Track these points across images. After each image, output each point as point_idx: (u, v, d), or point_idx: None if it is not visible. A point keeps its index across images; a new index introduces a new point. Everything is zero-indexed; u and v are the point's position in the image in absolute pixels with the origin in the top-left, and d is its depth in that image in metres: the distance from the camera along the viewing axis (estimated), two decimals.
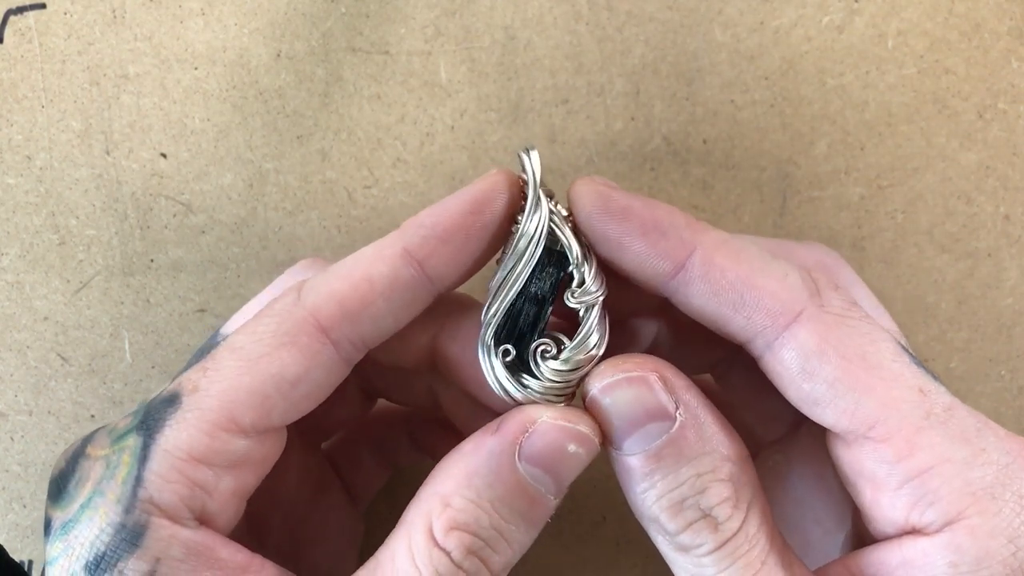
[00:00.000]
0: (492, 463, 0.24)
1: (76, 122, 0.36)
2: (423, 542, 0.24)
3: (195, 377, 0.25)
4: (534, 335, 0.26)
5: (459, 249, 0.25)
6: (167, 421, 0.24)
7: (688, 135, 0.36)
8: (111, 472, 0.24)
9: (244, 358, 0.25)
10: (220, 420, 0.24)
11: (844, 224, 0.37)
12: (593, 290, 0.26)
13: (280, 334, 0.25)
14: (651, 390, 0.25)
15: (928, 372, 0.25)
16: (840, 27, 0.36)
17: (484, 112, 0.37)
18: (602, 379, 0.25)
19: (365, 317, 0.25)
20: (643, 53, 0.36)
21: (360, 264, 0.25)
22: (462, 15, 0.36)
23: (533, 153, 0.26)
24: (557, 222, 0.26)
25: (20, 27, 0.36)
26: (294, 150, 0.37)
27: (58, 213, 0.37)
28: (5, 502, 0.37)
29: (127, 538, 0.23)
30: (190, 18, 0.36)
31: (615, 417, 0.25)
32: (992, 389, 0.37)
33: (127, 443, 0.25)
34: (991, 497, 0.23)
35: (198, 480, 0.24)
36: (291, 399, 0.25)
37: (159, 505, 0.24)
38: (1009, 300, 0.37)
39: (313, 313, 0.25)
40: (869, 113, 0.36)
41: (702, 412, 0.25)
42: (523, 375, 0.26)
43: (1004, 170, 0.37)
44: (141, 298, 0.37)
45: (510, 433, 0.25)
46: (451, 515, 0.24)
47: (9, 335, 0.37)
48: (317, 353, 0.25)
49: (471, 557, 0.24)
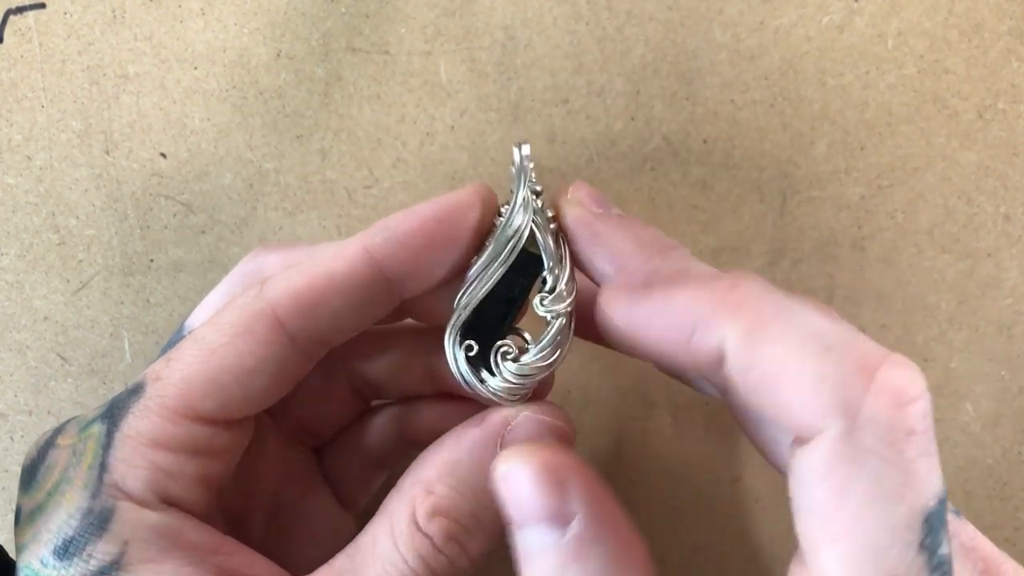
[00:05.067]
0: (475, 454, 0.25)
1: (76, 122, 0.36)
2: (406, 527, 0.24)
3: (159, 367, 0.26)
4: (499, 333, 0.26)
5: (419, 254, 0.25)
6: (130, 409, 0.25)
7: (688, 135, 0.36)
8: (77, 459, 0.25)
9: (203, 347, 0.25)
10: (179, 407, 0.25)
11: (844, 224, 0.37)
12: (561, 301, 0.26)
13: (238, 324, 0.25)
14: (551, 491, 0.22)
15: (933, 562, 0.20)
16: (840, 27, 0.36)
17: (484, 112, 0.37)
18: (506, 463, 0.23)
19: (322, 312, 0.25)
20: (643, 53, 0.36)
21: (321, 260, 0.26)
22: (462, 15, 0.36)
23: (524, 147, 0.26)
24: (539, 223, 0.26)
25: (20, 27, 0.36)
26: (294, 150, 0.37)
27: (58, 213, 0.37)
28: (5, 502, 0.37)
29: (94, 522, 0.24)
30: (190, 18, 0.36)
31: (509, 506, 0.23)
32: (992, 389, 0.37)
33: (92, 431, 0.25)
34: None
35: (161, 465, 0.25)
36: (248, 388, 0.25)
37: (124, 489, 0.24)
38: (1009, 300, 0.37)
39: (272, 306, 0.25)
40: (869, 113, 0.36)
41: (601, 527, 0.22)
42: (483, 371, 0.26)
43: (1004, 170, 0.37)
44: (141, 298, 0.37)
45: (493, 425, 0.25)
46: (434, 501, 0.24)
47: (9, 335, 0.37)
48: (272, 344, 0.25)
49: (451, 543, 0.24)
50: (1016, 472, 0.37)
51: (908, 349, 0.37)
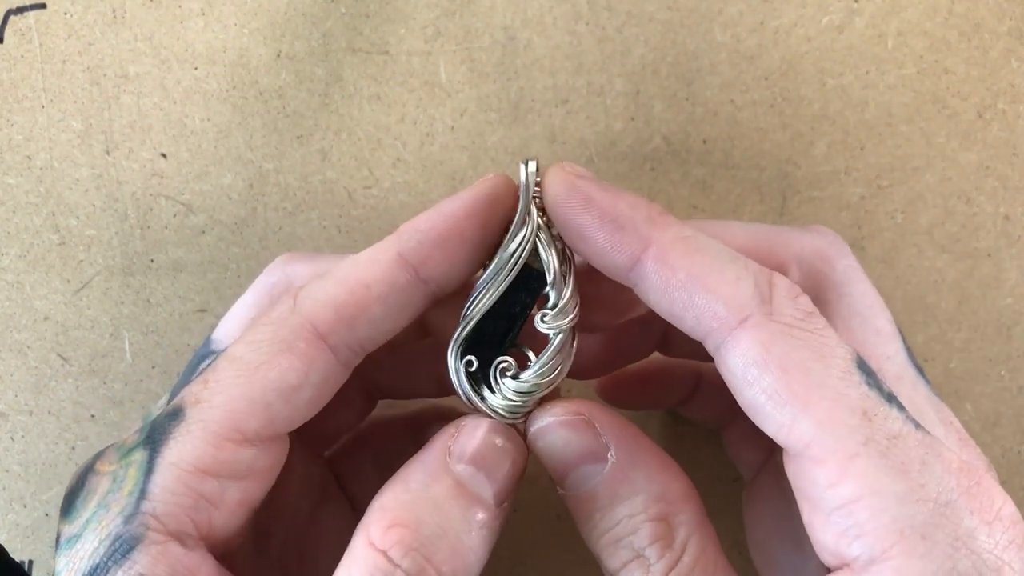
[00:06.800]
0: (426, 467, 0.25)
1: (76, 122, 0.36)
2: (361, 552, 0.23)
3: (197, 390, 0.25)
4: (500, 349, 0.26)
5: (454, 253, 0.25)
6: (172, 434, 0.24)
7: (688, 135, 0.36)
8: (117, 486, 0.24)
9: (243, 368, 0.25)
10: (224, 430, 0.24)
11: (844, 224, 0.37)
12: (564, 317, 0.26)
13: (277, 341, 0.25)
14: (581, 433, 0.25)
15: (884, 395, 0.23)
16: (840, 27, 0.36)
17: (484, 112, 0.37)
18: (536, 423, 0.26)
19: (362, 322, 0.25)
20: (643, 53, 0.36)
21: (356, 269, 0.25)
22: (462, 15, 0.36)
23: (530, 164, 0.25)
24: (543, 239, 0.25)
25: (20, 27, 0.36)
26: (294, 150, 0.37)
27: (58, 213, 0.37)
28: (5, 502, 0.37)
29: (119, 549, 0.23)
30: (190, 18, 0.36)
31: (550, 459, 0.25)
32: (992, 389, 0.37)
33: (134, 457, 0.25)
34: (920, 537, 0.21)
35: (204, 492, 0.24)
36: (293, 405, 0.25)
37: (161, 518, 0.24)
38: (1009, 300, 0.37)
39: (310, 319, 0.25)
40: (869, 113, 0.36)
41: (635, 452, 0.25)
42: (484, 388, 0.26)
43: (1004, 170, 0.37)
44: (141, 298, 0.37)
45: (440, 439, 0.25)
46: (390, 516, 0.24)
47: (9, 335, 0.37)
48: (315, 359, 0.25)
49: (412, 554, 0.23)
50: (1016, 472, 0.37)
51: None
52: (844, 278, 0.28)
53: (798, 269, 0.28)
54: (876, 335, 0.27)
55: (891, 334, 0.27)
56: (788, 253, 0.28)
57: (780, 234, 0.28)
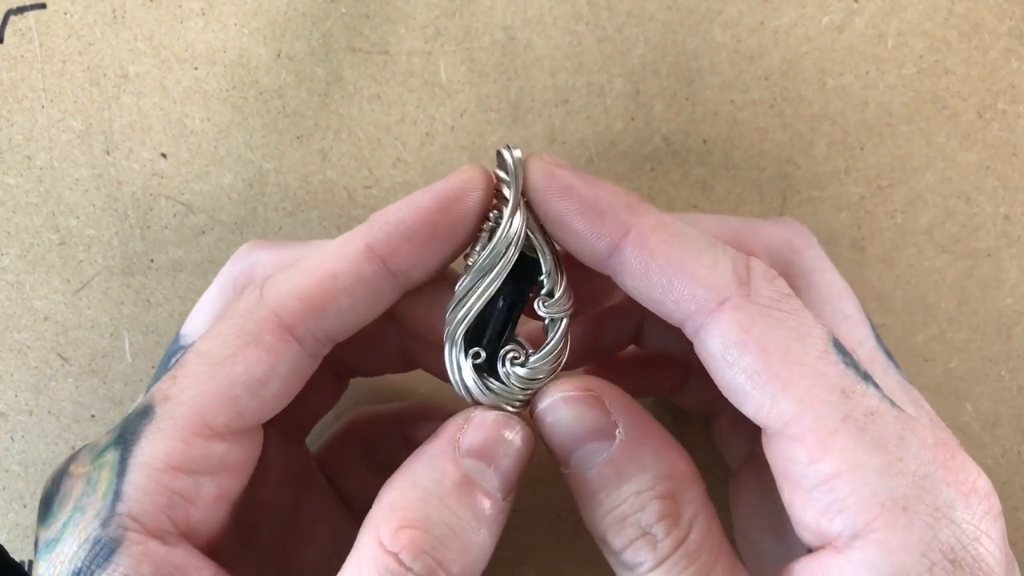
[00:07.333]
0: (435, 462, 0.24)
1: (76, 122, 0.36)
2: (370, 552, 0.23)
3: (165, 386, 0.25)
4: (502, 340, 0.26)
5: (423, 246, 0.25)
6: (142, 433, 0.24)
7: (688, 135, 0.36)
8: (92, 488, 0.24)
9: (210, 362, 0.25)
10: (193, 426, 0.24)
11: (844, 224, 0.37)
12: (564, 302, 0.26)
13: (243, 334, 0.25)
14: (590, 410, 0.25)
15: (860, 373, 0.24)
16: (840, 27, 0.36)
17: (484, 112, 0.37)
18: (545, 399, 0.25)
19: (328, 313, 0.25)
20: (643, 53, 0.36)
21: (323, 260, 0.25)
22: (462, 15, 0.36)
23: (516, 152, 0.25)
24: (535, 228, 0.26)
25: (20, 27, 0.36)
26: (294, 150, 0.37)
27: (58, 213, 0.37)
28: (5, 502, 0.37)
29: (100, 552, 0.23)
30: (190, 18, 0.36)
31: (557, 436, 0.25)
32: (992, 389, 0.37)
33: (106, 458, 0.25)
34: (902, 509, 0.22)
35: (178, 489, 0.24)
36: (261, 398, 0.25)
37: (138, 518, 0.24)
38: (1009, 300, 0.37)
39: (276, 311, 0.25)
40: (869, 113, 0.36)
41: (642, 430, 0.25)
42: (488, 378, 0.26)
43: (1004, 170, 0.37)
44: (141, 298, 0.37)
45: (448, 431, 0.25)
46: (400, 516, 0.23)
47: (9, 335, 0.37)
48: (282, 351, 0.25)
49: (423, 557, 0.23)
50: (1016, 472, 0.37)
51: (908, 349, 0.37)
52: (812, 266, 0.28)
53: (767, 259, 0.28)
54: (846, 320, 0.27)
55: (860, 320, 0.28)
56: (757, 243, 0.28)
57: (748, 224, 0.29)
